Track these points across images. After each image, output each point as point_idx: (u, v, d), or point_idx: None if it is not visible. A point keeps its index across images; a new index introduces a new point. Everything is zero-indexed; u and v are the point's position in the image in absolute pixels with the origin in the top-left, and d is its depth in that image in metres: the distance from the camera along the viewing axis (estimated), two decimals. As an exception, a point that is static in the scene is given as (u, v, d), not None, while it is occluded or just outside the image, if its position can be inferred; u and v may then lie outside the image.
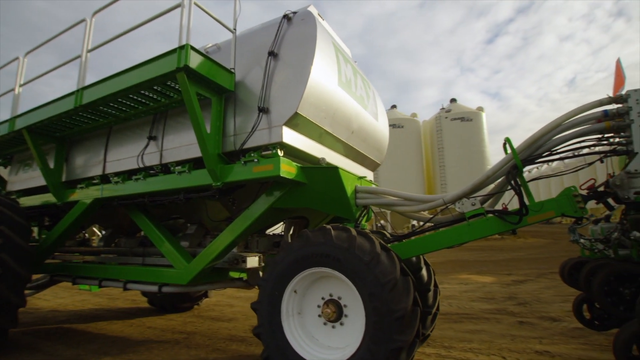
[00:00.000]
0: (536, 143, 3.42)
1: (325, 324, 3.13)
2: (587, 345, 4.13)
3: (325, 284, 3.18)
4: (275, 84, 3.41)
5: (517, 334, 4.75)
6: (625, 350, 2.38)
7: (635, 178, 2.98)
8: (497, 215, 3.37)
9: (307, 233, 3.13)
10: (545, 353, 3.95)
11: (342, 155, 4.34)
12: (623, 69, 3.31)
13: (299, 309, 3.21)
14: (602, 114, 3.21)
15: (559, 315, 5.68)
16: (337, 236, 2.97)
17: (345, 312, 3.05)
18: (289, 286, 3.12)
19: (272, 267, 3.21)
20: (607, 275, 3.02)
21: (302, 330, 3.14)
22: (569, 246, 18.10)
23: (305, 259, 3.04)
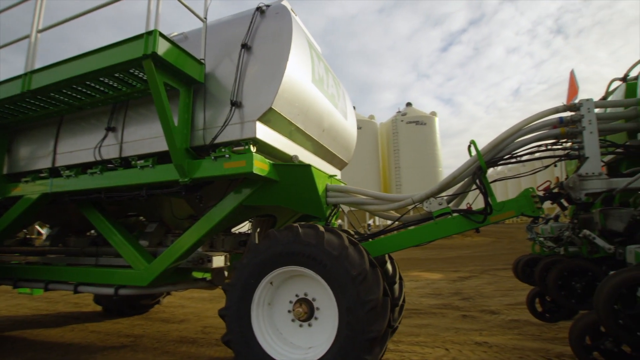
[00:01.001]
0: (499, 146, 3.59)
1: (294, 322, 3.09)
2: (521, 336, 4.45)
3: (296, 283, 3.15)
4: (248, 77, 3.31)
5: (460, 327, 5.02)
6: (580, 340, 2.57)
7: (586, 181, 3.21)
8: (463, 214, 3.51)
9: (273, 233, 3.08)
10: (484, 344, 4.21)
11: (312, 153, 4.31)
12: (577, 80, 3.58)
13: (270, 302, 3.14)
14: (558, 120, 3.43)
15: (498, 308, 6.06)
16: (305, 234, 2.95)
17: (316, 310, 3.04)
18: (258, 289, 3.04)
19: (240, 270, 3.11)
20: (560, 271, 3.25)
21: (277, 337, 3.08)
22: (511, 244, 19.42)
23: (274, 258, 2.99)
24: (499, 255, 15.43)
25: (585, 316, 2.65)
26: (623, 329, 2.11)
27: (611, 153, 3.54)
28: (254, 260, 3.05)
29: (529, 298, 4.17)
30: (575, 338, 2.59)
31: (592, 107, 3.28)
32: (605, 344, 2.54)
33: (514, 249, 16.97)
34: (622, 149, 3.46)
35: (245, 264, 3.10)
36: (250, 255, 3.10)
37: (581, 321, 2.64)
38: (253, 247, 3.17)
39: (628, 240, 2.95)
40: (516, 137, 3.56)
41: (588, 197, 3.23)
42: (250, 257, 3.09)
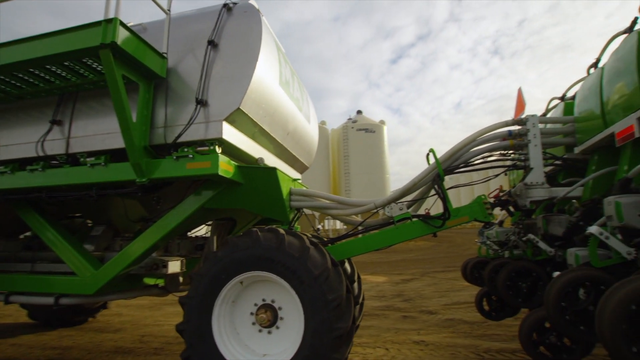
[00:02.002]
0: (455, 155, 3.80)
1: (260, 331, 3.02)
2: (454, 334, 4.76)
3: (256, 289, 3.08)
4: (214, 76, 3.19)
5: (400, 327, 5.25)
6: (529, 335, 2.79)
7: (531, 189, 3.51)
8: (422, 219, 3.66)
9: (233, 240, 3.01)
10: (421, 342, 4.45)
11: (275, 156, 4.27)
12: (524, 97, 3.91)
13: (231, 321, 3.04)
14: (507, 133, 3.72)
15: (435, 308, 6.42)
16: (265, 238, 2.91)
17: (280, 315, 3.00)
18: (228, 284, 2.93)
19: (212, 261, 2.97)
20: (509, 272, 3.51)
21: (240, 346, 2.98)
22: (450, 248, 20.61)
23: (235, 265, 2.91)
24: (439, 258, 16.28)
25: (531, 314, 2.89)
26: (569, 324, 2.33)
27: (551, 165, 3.91)
28: (214, 267, 2.94)
29: (477, 298, 4.44)
30: (524, 334, 2.81)
31: (537, 123, 3.60)
32: (550, 339, 2.79)
33: (453, 253, 18.01)
34: (560, 161, 3.84)
35: (203, 273, 2.97)
36: (210, 263, 2.98)
37: (529, 319, 2.87)
38: (211, 255, 3.04)
39: (566, 244, 3.26)
40: (471, 147, 3.79)
41: (532, 204, 3.53)
42: (209, 266, 2.97)
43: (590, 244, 2.48)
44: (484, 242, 4.46)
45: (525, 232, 3.75)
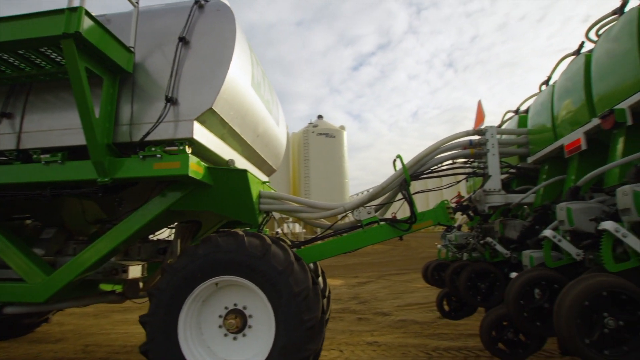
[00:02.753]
0: (420, 162, 3.96)
1: (226, 335, 2.95)
2: (405, 334, 4.97)
3: (228, 293, 3.02)
4: (186, 74, 3.09)
5: (355, 329, 5.39)
6: (488, 333, 2.97)
7: (489, 195, 3.74)
8: (390, 223, 3.77)
9: (216, 238, 2.93)
10: (374, 343, 4.59)
11: (244, 157, 4.20)
12: (483, 109, 4.17)
13: (198, 321, 2.95)
14: (468, 142, 3.94)
15: (389, 310, 6.63)
16: (250, 243, 2.87)
17: (249, 323, 2.95)
18: (190, 296, 2.85)
19: (171, 274, 2.87)
20: (469, 273, 3.71)
21: (202, 347, 2.90)
22: (405, 251, 21.29)
23: (213, 266, 2.84)
24: (395, 261, 16.74)
25: (491, 313, 3.07)
26: (526, 320, 2.51)
27: (507, 173, 4.19)
28: (190, 265, 2.84)
29: (438, 299, 4.64)
30: (485, 331, 2.98)
31: (495, 133, 3.84)
32: (508, 335, 2.98)
33: (407, 256, 18.59)
34: (515, 169, 4.13)
35: (179, 268, 2.87)
36: (187, 259, 2.88)
37: (488, 317, 3.05)
38: (190, 251, 2.94)
39: (520, 247, 3.51)
40: (435, 154, 3.97)
41: (490, 209, 3.76)
42: (186, 262, 2.87)
43: (544, 246, 2.70)
44: (446, 245, 4.67)
45: (483, 236, 3.99)
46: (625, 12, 2.79)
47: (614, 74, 2.76)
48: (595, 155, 2.98)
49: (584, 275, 2.08)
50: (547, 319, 2.48)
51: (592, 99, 2.98)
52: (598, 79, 2.94)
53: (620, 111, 2.52)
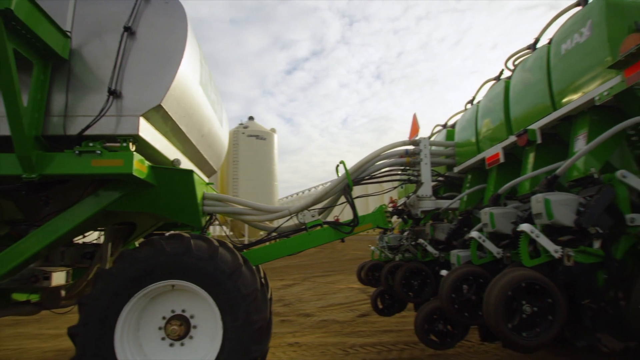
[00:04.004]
0: (361, 168, 4.20)
1: (171, 345, 2.85)
2: (326, 334, 5.21)
3: (170, 299, 2.92)
4: (131, 66, 2.91)
5: (277, 331, 5.49)
6: (422, 325, 3.27)
7: (422, 201, 4.10)
8: (333, 225, 3.94)
9: (159, 241, 2.81)
10: (295, 344, 4.77)
11: (187, 157, 4.05)
12: (418, 121, 4.56)
13: (137, 330, 2.80)
14: (404, 152, 4.28)
15: (312, 311, 6.83)
16: (197, 246, 2.80)
17: (193, 326, 2.88)
18: (129, 303, 2.69)
19: (107, 280, 2.68)
20: (404, 272, 4.02)
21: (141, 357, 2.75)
22: (332, 254, 21.92)
23: (155, 270, 2.73)
24: (320, 263, 17.07)
25: (424, 308, 3.39)
26: (457, 311, 2.83)
27: (436, 181, 4.63)
28: (129, 270, 2.68)
29: (372, 297, 4.93)
30: (419, 324, 3.28)
31: (427, 144, 4.23)
32: (438, 326, 3.31)
33: (333, 258, 19.08)
34: (443, 177, 4.59)
35: (116, 273, 2.69)
36: (125, 264, 2.71)
37: (422, 312, 3.36)
38: (129, 255, 2.77)
39: (447, 247, 3.91)
40: (375, 161, 4.24)
41: (422, 213, 4.13)
42: (124, 267, 2.70)
43: (471, 246, 3.07)
44: (383, 247, 4.98)
45: (415, 238, 4.36)
46: (537, 48, 3.32)
47: (527, 99, 3.27)
48: (511, 167, 3.48)
49: (507, 270, 2.42)
50: (473, 310, 2.83)
51: (509, 119, 3.48)
52: (514, 102, 3.44)
53: (532, 131, 2.98)
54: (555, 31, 3.07)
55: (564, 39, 2.86)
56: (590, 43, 2.58)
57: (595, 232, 2.23)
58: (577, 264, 2.25)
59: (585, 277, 2.27)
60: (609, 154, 2.60)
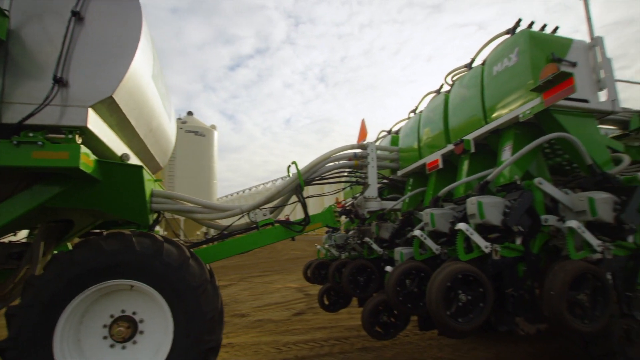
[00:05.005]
0: (313, 169, 4.35)
1: (112, 345, 2.74)
2: (260, 333, 5.26)
3: (113, 300, 2.82)
4: (80, 54, 2.74)
5: None
6: (368, 318, 3.49)
7: (368, 202, 4.36)
8: (284, 224, 4.03)
9: (97, 241, 2.72)
10: (228, 345, 4.75)
11: (133, 152, 3.87)
12: (366, 126, 4.83)
13: (78, 338, 2.67)
14: (353, 155, 4.52)
15: (247, 311, 6.79)
16: (139, 243, 2.75)
17: (140, 328, 2.81)
18: (66, 310, 2.58)
19: (40, 287, 2.53)
20: (352, 269, 4.24)
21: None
22: (270, 254, 21.85)
23: (95, 272, 2.65)
24: (258, 263, 16.93)
25: (369, 302, 3.63)
26: (401, 303, 3.09)
27: (381, 183, 4.94)
28: (66, 273, 2.55)
29: (320, 294, 5.09)
30: (366, 317, 3.50)
31: (374, 149, 4.51)
32: (382, 318, 3.56)
33: (271, 258, 19.02)
34: (387, 180, 4.91)
35: (50, 278, 2.53)
36: (59, 267, 2.56)
37: (367, 306, 3.59)
38: (64, 258, 2.62)
39: (391, 245, 4.20)
40: (325, 163, 4.42)
41: (369, 213, 4.39)
42: (59, 270, 2.56)
43: (414, 244, 3.35)
44: (332, 245, 5.17)
45: (361, 237, 4.61)
46: (473, 67, 3.74)
47: (463, 112, 3.66)
48: (448, 173, 3.86)
49: (445, 264, 2.71)
50: (416, 301, 3.11)
51: (448, 129, 3.86)
52: (452, 114, 3.83)
53: (468, 141, 3.36)
54: (489, 54, 3.50)
55: (495, 61, 3.27)
56: (516, 68, 2.99)
57: (517, 230, 2.60)
58: (502, 258, 2.60)
59: (508, 269, 2.63)
60: (528, 164, 3.04)
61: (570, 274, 2.35)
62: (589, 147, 2.77)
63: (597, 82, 2.93)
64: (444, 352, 4.13)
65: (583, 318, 2.38)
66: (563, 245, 2.64)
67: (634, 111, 3.89)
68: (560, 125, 2.81)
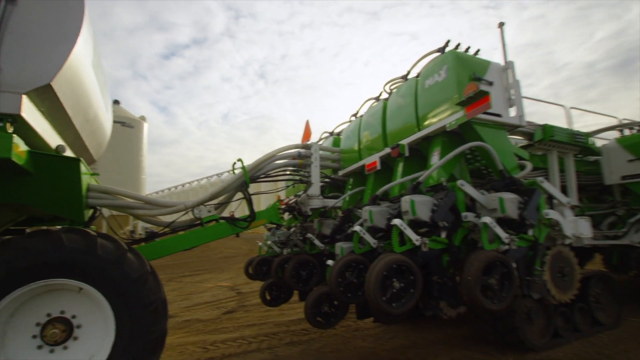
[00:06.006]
0: (258, 167, 4.46)
1: (52, 351, 2.62)
2: (187, 333, 5.23)
3: (42, 301, 2.68)
4: (13, 37, 2.55)
5: None
6: (311, 309, 3.70)
7: (311, 199, 4.58)
8: (229, 220, 4.09)
9: (18, 241, 2.58)
10: None
11: (67, 144, 3.64)
12: (310, 127, 5.03)
13: (3, 346, 2.51)
14: (297, 154, 4.70)
15: (175, 312, 6.64)
16: (69, 239, 2.67)
17: (75, 334, 2.71)
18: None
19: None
20: (295, 263, 4.41)
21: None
22: (202, 253, 21.21)
23: (19, 274, 2.51)
24: (189, 263, 16.34)
25: (312, 294, 3.83)
26: (342, 293, 3.33)
27: (323, 182, 5.18)
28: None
29: (262, 290, 5.17)
30: (308, 309, 3.70)
31: (318, 149, 4.74)
32: (324, 309, 3.79)
33: (204, 257, 18.44)
34: (329, 179, 5.17)
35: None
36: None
37: (310, 298, 3.79)
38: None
39: (332, 240, 4.45)
40: (270, 161, 4.54)
41: (311, 210, 4.60)
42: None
43: (354, 238, 3.63)
44: (275, 241, 5.27)
45: (304, 233, 4.80)
46: (408, 79, 4.13)
47: (399, 119, 4.03)
48: (385, 174, 4.22)
49: (382, 255, 3.01)
50: (355, 291, 3.37)
51: (386, 134, 4.22)
52: (390, 120, 4.19)
53: (403, 145, 3.73)
54: (422, 68, 3.90)
55: (427, 76, 3.67)
56: (445, 83, 3.40)
57: (442, 226, 2.99)
58: (430, 250, 2.97)
59: (435, 259, 3.01)
60: (453, 167, 3.47)
61: (484, 262, 2.77)
62: (500, 155, 3.27)
63: (509, 99, 3.45)
64: (367, 341, 4.40)
65: (493, 299, 2.82)
66: (479, 238, 3.09)
67: (537, 125, 4.59)
68: (479, 135, 3.27)
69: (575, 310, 4.17)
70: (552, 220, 3.28)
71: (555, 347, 3.84)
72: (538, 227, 3.21)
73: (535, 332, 3.82)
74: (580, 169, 5.31)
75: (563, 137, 4.47)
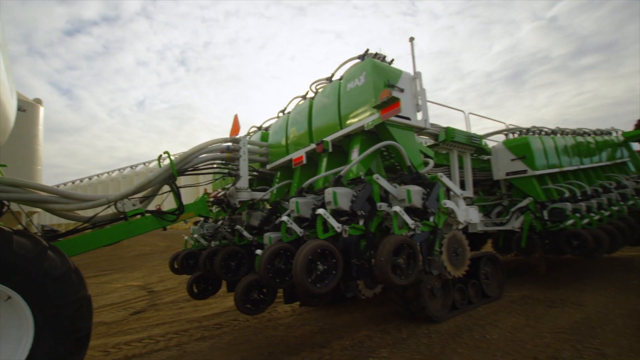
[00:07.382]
0: (186, 160, 4.46)
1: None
2: (103, 332, 5.06)
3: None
4: None
5: None
6: (241, 297, 3.88)
7: (239, 192, 4.73)
8: (156, 214, 4.06)
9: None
10: None
11: (-37, 132, 3.30)
12: (239, 121, 5.14)
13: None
14: (226, 147, 4.79)
15: None
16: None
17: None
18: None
19: None
20: (224, 255, 4.52)
21: None
22: (114, 251, 19.75)
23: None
24: (97, 262, 15.06)
25: (241, 283, 4.00)
26: (271, 279, 3.57)
27: (251, 175, 5.34)
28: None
29: (188, 283, 5.17)
30: (238, 297, 3.87)
31: (246, 143, 4.89)
32: (253, 296, 4.00)
33: (114, 255, 17.20)
34: (257, 173, 5.34)
35: None
36: None
37: (240, 286, 3.97)
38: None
39: (260, 231, 4.67)
40: (198, 154, 4.57)
41: (240, 203, 4.75)
42: None
43: (282, 228, 3.89)
44: (203, 234, 5.28)
45: (232, 225, 4.93)
46: (332, 80, 4.48)
47: (324, 117, 4.37)
48: (310, 168, 4.54)
49: (308, 241, 3.32)
50: (283, 277, 3.65)
51: (311, 131, 4.53)
52: (315, 118, 4.51)
53: (327, 142, 4.07)
54: (345, 72, 4.28)
55: (349, 79, 4.06)
56: (364, 87, 3.82)
57: (360, 214, 3.40)
58: (350, 236, 3.36)
59: (354, 244, 3.41)
60: (370, 163, 3.92)
61: (393, 244, 3.24)
62: (408, 153, 3.79)
63: (416, 105, 3.99)
64: (278, 330, 4.56)
65: (401, 275, 3.31)
66: (390, 224, 3.57)
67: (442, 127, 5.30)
68: (392, 135, 3.75)
69: (469, 286, 4.97)
70: (448, 209, 3.91)
71: (455, 317, 4.52)
72: (438, 214, 3.81)
73: (437, 305, 4.51)
74: (476, 166, 6.27)
75: (462, 139, 5.24)
